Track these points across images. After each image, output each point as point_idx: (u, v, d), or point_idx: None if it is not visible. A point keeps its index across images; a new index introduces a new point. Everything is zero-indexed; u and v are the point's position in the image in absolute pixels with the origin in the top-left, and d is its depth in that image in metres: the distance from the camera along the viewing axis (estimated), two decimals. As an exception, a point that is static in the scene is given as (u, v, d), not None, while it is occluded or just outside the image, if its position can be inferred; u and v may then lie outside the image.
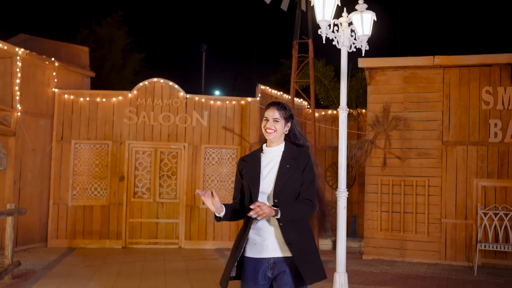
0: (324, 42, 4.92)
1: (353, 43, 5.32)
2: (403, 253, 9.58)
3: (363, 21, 5.30)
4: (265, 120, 3.45)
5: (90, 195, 10.73)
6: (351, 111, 11.86)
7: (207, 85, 25.94)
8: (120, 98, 10.89)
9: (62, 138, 10.74)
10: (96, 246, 10.58)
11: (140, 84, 11.05)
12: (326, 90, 12.47)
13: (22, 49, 9.89)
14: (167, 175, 10.91)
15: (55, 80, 10.89)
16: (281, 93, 12.51)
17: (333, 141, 12.28)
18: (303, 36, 10.41)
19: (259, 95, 11.17)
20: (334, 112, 12.45)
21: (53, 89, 10.82)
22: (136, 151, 10.87)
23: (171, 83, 11.01)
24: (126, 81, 18.69)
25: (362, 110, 11.89)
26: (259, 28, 37.84)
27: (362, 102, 11.74)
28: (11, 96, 9.95)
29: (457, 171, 9.39)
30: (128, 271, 8.27)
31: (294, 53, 10.41)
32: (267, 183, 3.36)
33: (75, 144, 10.76)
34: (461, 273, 8.48)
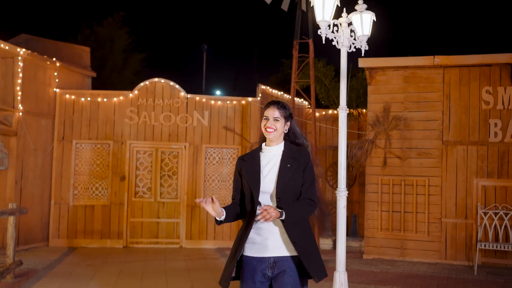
0: (324, 42, 4.94)
1: (353, 43, 5.34)
2: (404, 253, 9.60)
3: (363, 22, 5.32)
4: (265, 119, 3.42)
5: (91, 195, 10.76)
6: (352, 111, 11.89)
7: (208, 85, 25.96)
8: (121, 98, 10.92)
9: (64, 138, 10.77)
10: (97, 246, 10.61)
11: (141, 84, 11.08)
12: (327, 90, 12.50)
13: (24, 49, 9.92)
14: (168, 175, 10.94)
15: (57, 80, 10.92)
16: (282, 93, 12.53)
17: (334, 141, 12.30)
18: (304, 36, 10.44)
19: (260, 95, 11.19)
20: (335, 112, 12.46)
21: (55, 89, 10.85)
22: (137, 151, 10.91)
23: (172, 83, 11.04)
24: (127, 81, 18.73)
25: (363, 110, 11.91)
26: (260, 28, 37.86)
27: (363, 102, 11.76)
28: (13, 96, 9.98)
29: (457, 171, 9.41)
30: (129, 271, 8.30)
31: (295, 53, 10.44)
32: (268, 183, 3.34)
33: (76, 144, 10.79)
34: (461, 273, 8.50)
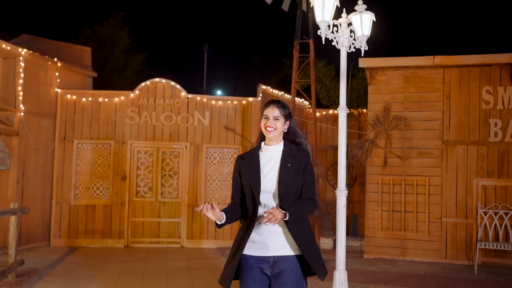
0: (324, 43, 4.96)
1: (353, 44, 5.36)
2: (404, 252, 9.62)
3: (362, 22, 5.34)
4: (265, 118, 3.40)
5: (93, 195, 10.79)
6: (352, 111, 11.91)
7: (209, 85, 26.00)
8: (122, 98, 10.95)
9: (65, 138, 10.80)
10: (99, 245, 10.64)
11: (142, 84, 11.11)
12: (327, 90, 12.52)
13: (25, 50, 9.95)
14: (169, 175, 10.97)
15: (58, 80, 10.95)
16: (282, 93, 12.55)
17: (334, 141, 12.31)
18: (304, 36, 10.46)
19: (261, 95, 11.22)
20: (335, 112, 12.48)
21: (56, 89, 10.88)
22: (138, 151, 10.94)
23: (173, 83, 11.07)
24: (128, 81, 18.76)
25: (363, 110, 11.93)
26: (261, 28, 37.90)
27: (363, 102, 11.78)
28: (14, 96, 10.02)
29: (458, 171, 9.43)
30: (130, 270, 8.33)
31: (295, 53, 10.46)
32: (268, 182, 3.34)
33: (78, 144, 10.82)
34: (462, 272, 8.52)
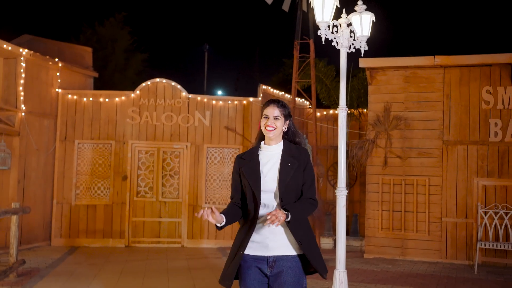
0: (324, 43, 4.98)
1: (352, 44, 5.38)
2: (404, 252, 9.63)
3: (362, 22, 5.36)
4: (265, 118, 3.40)
5: (93, 195, 10.81)
6: (353, 111, 11.93)
7: (209, 85, 26.01)
8: (123, 98, 10.97)
9: (66, 138, 10.82)
10: (99, 245, 10.66)
11: (143, 84, 11.13)
12: (328, 90, 12.55)
13: (26, 50, 9.97)
14: (170, 175, 10.99)
15: (59, 81, 10.98)
16: (283, 93, 12.56)
17: (335, 141, 12.32)
18: (305, 37, 10.48)
19: (261, 95, 11.23)
20: (336, 112, 12.48)
21: (57, 89, 10.91)
22: (139, 151, 10.96)
23: (174, 83, 11.09)
24: (129, 81, 18.79)
25: (364, 110, 11.95)
26: (261, 28, 37.92)
27: (364, 102, 11.80)
28: (15, 97, 10.04)
29: (458, 170, 9.44)
30: (131, 270, 8.35)
31: (296, 53, 10.48)
32: (269, 182, 3.33)
33: (79, 144, 10.85)
34: (462, 272, 8.53)
